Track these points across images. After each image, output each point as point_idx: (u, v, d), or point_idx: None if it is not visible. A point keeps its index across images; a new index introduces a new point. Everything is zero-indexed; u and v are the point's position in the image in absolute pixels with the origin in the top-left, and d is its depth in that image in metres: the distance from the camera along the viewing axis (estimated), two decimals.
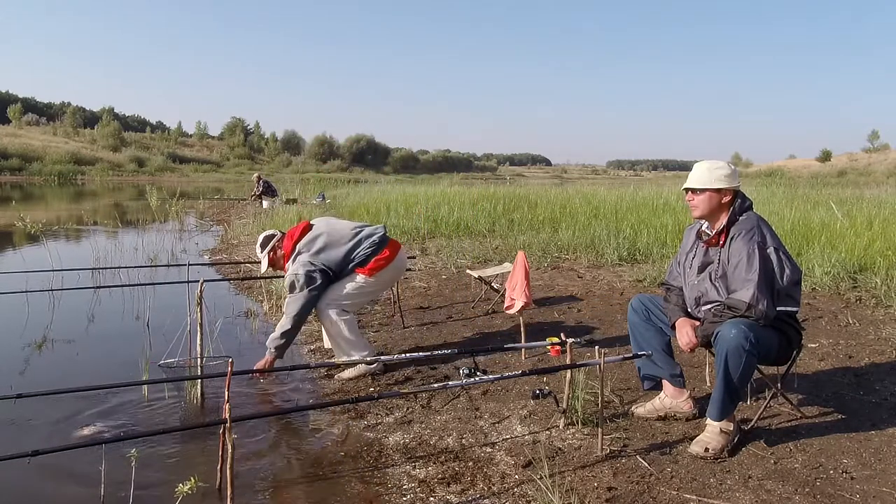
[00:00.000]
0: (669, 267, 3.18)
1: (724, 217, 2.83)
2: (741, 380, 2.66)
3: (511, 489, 2.54)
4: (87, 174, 46.76)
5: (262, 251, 4.04)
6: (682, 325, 2.89)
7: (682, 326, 2.89)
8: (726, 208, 2.84)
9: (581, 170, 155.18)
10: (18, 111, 68.25)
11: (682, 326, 2.89)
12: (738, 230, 2.76)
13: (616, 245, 7.91)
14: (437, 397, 3.53)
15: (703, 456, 2.68)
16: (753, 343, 2.59)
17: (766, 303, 2.63)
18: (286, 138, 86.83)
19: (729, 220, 2.81)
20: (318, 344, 4.64)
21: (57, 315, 5.62)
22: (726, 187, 2.81)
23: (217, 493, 2.53)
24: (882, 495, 2.41)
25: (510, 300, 4.20)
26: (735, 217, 2.82)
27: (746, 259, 2.67)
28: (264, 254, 4.03)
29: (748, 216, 2.82)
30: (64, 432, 3.15)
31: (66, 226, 12.15)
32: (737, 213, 2.82)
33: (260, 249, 4.05)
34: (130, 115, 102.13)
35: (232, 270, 7.73)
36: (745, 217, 2.81)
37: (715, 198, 2.82)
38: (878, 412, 3.17)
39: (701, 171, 2.87)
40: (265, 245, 4.04)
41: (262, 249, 4.04)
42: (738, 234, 2.75)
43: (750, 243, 2.70)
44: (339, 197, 19.06)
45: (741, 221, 2.80)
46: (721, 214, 2.84)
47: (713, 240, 2.86)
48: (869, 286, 5.80)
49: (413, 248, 8.72)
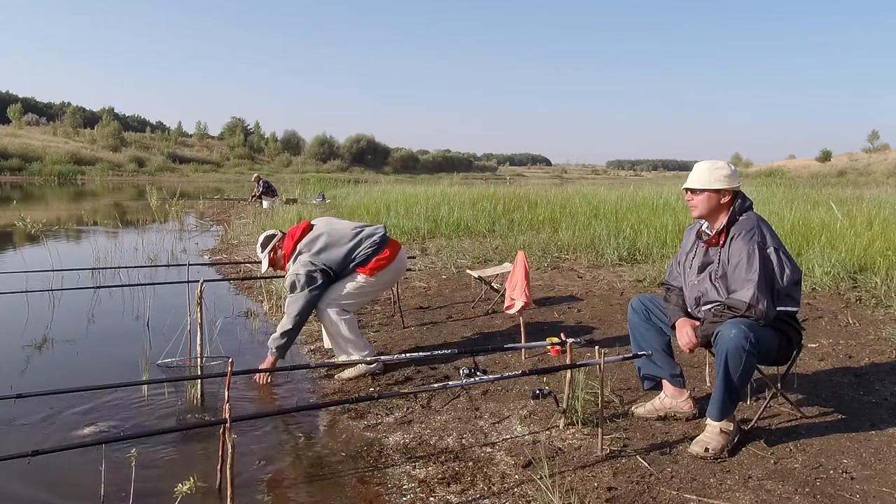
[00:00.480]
0: (669, 267, 3.19)
1: (723, 217, 2.84)
2: (741, 380, 2.66)
3: (511, 489, 2.53)
4: (87, 174, 46.76)
5: (263, 251, 4.04)
6: (682, 326, 2.89)
7: (682, 326, 2.89)
8: (726, 208, 2.84)
9: (581, 170, 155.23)
10: (18, 111, 68.26)
11: (682, 326, 2.89)
12: (739, 230, 2.76)
13: (616, 245, 7.91)
14: (437, 397, 3.53)
15: (703, 456, 2.68)
16: (753, 343, 2.59)
17: (766, 303, 2.63)
18: (286, 138, 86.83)
19: (729, 220, 2.81)
20: (318, 344, 4.64)
21: (57, 315, 5.62)
22: (726, 188, 2.81)
23: (217, 493, 2.53)
24: (882, 495, 2.41)
25: (510, 300, 4.20)
26: (735, 217, 2.82)
27: (746, 259, 2.67)
28: (265, 254, 4.03)
29: (748, 216, 2.82)
30: (64, 432, 3.15)
31: (66, 226, 12.15)
32: (737, 213, 2.82)
33: (260, 249, 4.05)
34: (130, 115, 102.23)
35: (232, 270, 7.73)
36: (745, 217, 2.81)
37: (714, 198, 2.82)
38: (878, 412, 3.17)
39: (701, 171, 2.87)
40: (266, 245, 4.04)
41: (262, 249, 4.04)
42: (738, 234, 2.75)
43: (750, 243, 2.70)
44: (339, 197, 19.06)
45: (741, 221, 2.80)
46: (721, 214, 2.85)
47: (713, 240, 2.86)
48: (869, 286, 5.80)
49: (413, 248, 8.72)
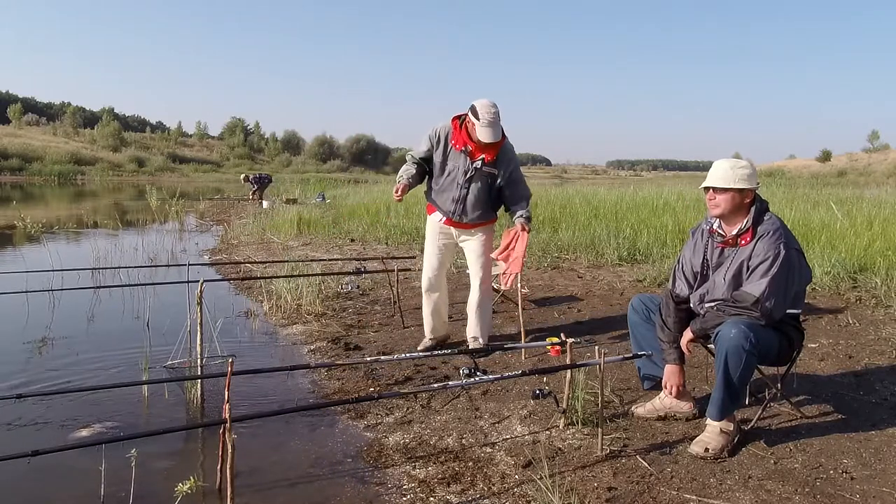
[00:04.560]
0: (673, 275, 3.09)
1: (743, 217, 2.78)
2: (741, 380, 2.66)
3: (511, 489, 2.53)
4: (87, 174, 46.73)
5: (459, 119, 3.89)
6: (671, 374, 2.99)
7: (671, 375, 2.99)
8: (747, 208, 2.79)
9: (581, 170, 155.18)
10: (18, 111, 68.23)
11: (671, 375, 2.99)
12: (766, 230, 2.72)
13: (616, 245, 7.91)
14: (437, 397, 3.52)
15: (703, 456, 2.68)
16: (753, 343, 2.58)
17: (775, 303, 2.62)
18: (286, 138, 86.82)
19: (754, 221, 2.76)
20: (318, 344, 4.64)
21: (57, 315, 5.61)
22: (749, 187, 2.76)
23: (217, 493, 2.53)
24: (882, 495, 2.41)
25: (507, 275, 4.00)
26: (760, 217, 2.78)
27: (773, 258, 2.64)
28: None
29: (772, 217, 2.79)
30: (64, 432, 3.15)
31: (66, 226, 12.15)
32: (760, 213, 2.78)
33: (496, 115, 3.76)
34: (130, 115, 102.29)
35: (232, 270, 7.72)
36: (769, 217, 2.78)
37: (738, 197, 2.76)
38: (878, 412, 3.17)
39: (724, 169, 2.78)
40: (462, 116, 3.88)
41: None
42: (766, 234, 2.71)
43: (777, 243, 2.66)
44: (339, 197, 19.07)
45: (766, 221, 2.76)
46: (740, 214, 2.79)
47: (731, 240, 2.81)
48: (869, 286, 5.80)
49: (413, 249, 8.72)
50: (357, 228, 11.04)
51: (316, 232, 11.13)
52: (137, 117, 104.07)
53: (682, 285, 3.00)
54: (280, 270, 6.64)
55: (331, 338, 4.74)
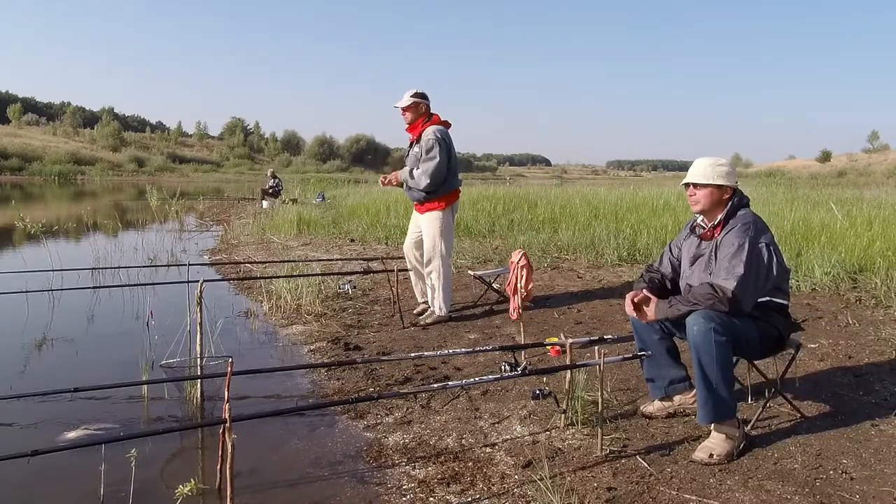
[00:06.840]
0: (661, 256, 3.23)
1: (721, 212, 2.90)
2: (720, 372, 2.62)
3: (511, 489, 2.53)
4: (87, 174, 46.76)
5: (410, 97, 4.79)
6: (648, 299, 2.90)
7: (648, 300, 2.91)
8: (725, 204, 2.90)
9: (581, 170, 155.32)
10: (18, 111, 68.29)
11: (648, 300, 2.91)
12: (734, 223, 2.83)
13: (616, 245, 7.91)
14: (436, 397, 3.52)
15: (708, 462, 2.65)
16: (720, 331, 2.59)
17: (740, 292, 2.64)
18: (286, 138, 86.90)
19: (727, 215, 2.87)
20: (318, 344, 4.64)
21: (57, 315, 5.61)
22: (727, 184, 2.87)
23: (217, 493, 2.52)
24: (882, 495, 2.41)
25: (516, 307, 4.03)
26: (733, 212, 2.88)
27: (736, 249, 2.72)
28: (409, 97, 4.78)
29: (745, 212, 2.88)
30: (64, 432, 3.14)
31: (65, 226, 12.14)
32: (735, 208, 2.88)
33: (409, 94, 4.80)
34: (130, 115, 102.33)
35: (232, 270, 7.73)
36: (742, 212, 2.88)
37: (717, 194, 2.88)
38: (878, 412, 3.17)
39: (703, 166, 2.91)
40: (419, 96, 4.80)
41: (410, 96, 4.79)
42: (734, 227, 2.81)
43: (743, 236, 2.75)
44: (339, 197, 19.06)
45: (738, 216, 2.86)
46: (718, 209, 2.91)
47: (707, 233, 2.92)
48: (869, 286, 5.80)
49: None
50: (357, 228, 11.04)
51: (316, 232, 11.13)
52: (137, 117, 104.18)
53: (666, 265, 3.14)
54: (280, 270, 6.64)
55: (330, 338, 4.74)
